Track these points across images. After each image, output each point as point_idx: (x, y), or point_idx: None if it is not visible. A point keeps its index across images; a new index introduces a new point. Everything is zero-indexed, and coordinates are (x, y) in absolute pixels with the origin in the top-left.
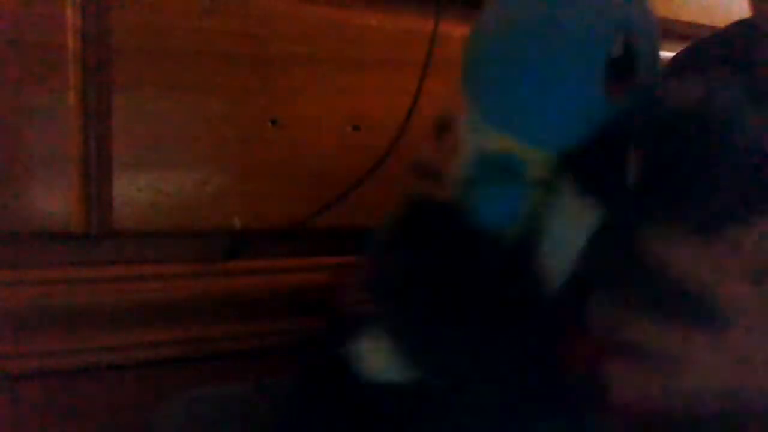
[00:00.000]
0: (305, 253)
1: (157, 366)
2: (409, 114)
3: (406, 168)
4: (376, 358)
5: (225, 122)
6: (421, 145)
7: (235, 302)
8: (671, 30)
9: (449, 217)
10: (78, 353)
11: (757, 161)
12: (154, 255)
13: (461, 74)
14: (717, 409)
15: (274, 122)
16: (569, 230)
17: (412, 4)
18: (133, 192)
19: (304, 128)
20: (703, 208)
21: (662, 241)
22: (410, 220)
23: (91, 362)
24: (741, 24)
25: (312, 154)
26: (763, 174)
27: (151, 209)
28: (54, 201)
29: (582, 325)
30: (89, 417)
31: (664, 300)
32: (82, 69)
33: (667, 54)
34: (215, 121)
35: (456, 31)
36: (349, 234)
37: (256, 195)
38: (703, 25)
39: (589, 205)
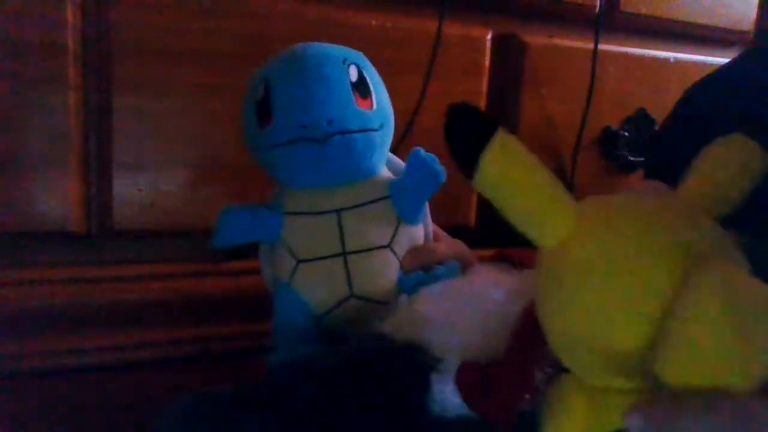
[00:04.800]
0: None
1: (158, 366)
2: (413, 114)
3: None
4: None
5: (225, 122)
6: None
7: (235, 302)
8: (672, 30)
9: None
10: (78, 353)
11: None
12: (154, 255)
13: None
14: None
15: None
16: None
17: (412, 4)
18: (133, 192)
19: None
20: None
21: None
22: None
23: (91, 362)
24: None
25: None
26: None
27: (151, 209)
28: (54, 201)
29: None
30: (89, 417)
31: None
32: (82, 69)
33: (663, 54)
34: (215, 121)
35: (456, 32)
36: None
37: (256, 195)
38: (703, 25)
39: None
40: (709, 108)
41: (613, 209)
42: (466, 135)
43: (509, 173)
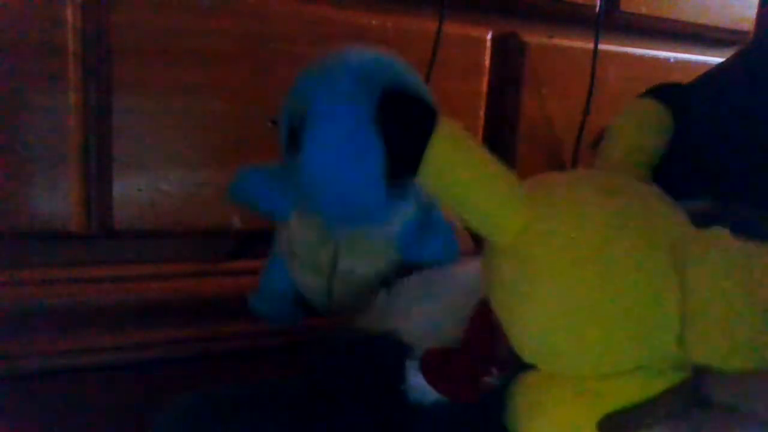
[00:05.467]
0: None
1: (157, 366)
2: None
3: None
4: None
5: (225, 122)
6: None
7: (235, 302)
8: (672, 30)
9: None
10: (78, 353)
11: None
12: (154, 255)
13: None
14: None
15: (274, 122)
16: None
17: (412, 4)
18: (133, 192)
19: None
20: None
21: None
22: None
23: (91, 362)
24: None
25: None
26: None
27: (151, 209)
28: (54, 201)
29: None
30: (89, 417)
31: None
32: (82, 69)
33: (663, 54)
34: (215, 121)
35: (456, 32)
36: None
37: None
38: (703, 25)
39: None
40: (702, 107)
41: (567, 193)
42: (406, 127)
43: (457, 168)
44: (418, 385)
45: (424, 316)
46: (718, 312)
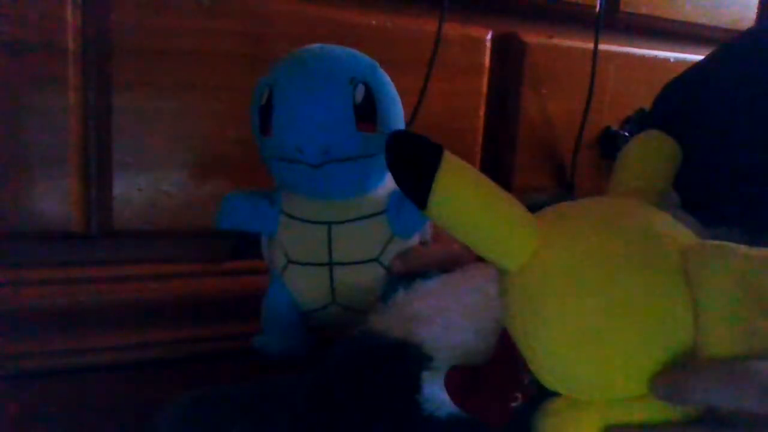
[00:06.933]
0: None
1: (157, 366)
2: (414, 113)
3: None
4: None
5: (225, 122)
6: None
7: (235, 302)
8: (672, 30)
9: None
10: (78, 353)
11: None
12: (154, 255)
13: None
14: None
15: None
16: None
17: (412, 4)
18: (133, 192)
19: None
20: None
21: None
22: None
23: (91, 362)
24: None
25: None
26: None
27: (151, 209)
28: (54, 201)
29: None
30: (89, 417)
31: None
32: (82, 69)
33: (663, 54)
34: (215, 121)
35: (456, 32)
36: None
37: None
38: (703, 25)
39: None
40: (683, 103)
41: (574, 222)
42: (411, 163)
43: (463, 198)
44: (434, 397)
45: (445, 326)
46: (728, 320)
